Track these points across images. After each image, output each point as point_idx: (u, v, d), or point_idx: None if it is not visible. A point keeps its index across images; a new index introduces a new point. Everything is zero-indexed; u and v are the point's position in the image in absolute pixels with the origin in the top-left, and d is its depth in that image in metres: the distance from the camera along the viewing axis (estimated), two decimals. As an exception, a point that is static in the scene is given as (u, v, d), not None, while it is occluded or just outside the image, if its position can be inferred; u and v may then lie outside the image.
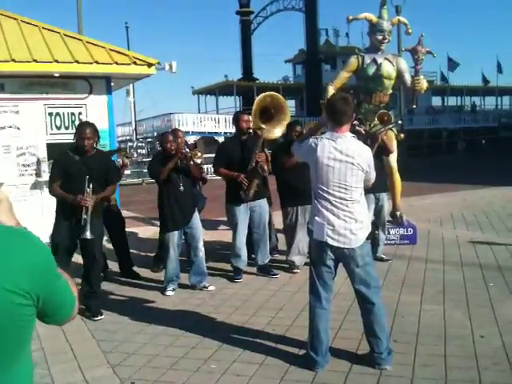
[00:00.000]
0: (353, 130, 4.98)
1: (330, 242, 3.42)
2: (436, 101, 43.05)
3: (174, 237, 5.43)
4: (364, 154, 3.49)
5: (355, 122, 5.68)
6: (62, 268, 1.51)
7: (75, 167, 4.75)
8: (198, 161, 5.38)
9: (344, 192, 3.42)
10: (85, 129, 4.78)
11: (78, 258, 5.09)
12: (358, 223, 3.44)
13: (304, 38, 34.98)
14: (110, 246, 6.43)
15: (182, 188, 5.38)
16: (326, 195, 3.44)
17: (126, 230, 6.53)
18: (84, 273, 4.93)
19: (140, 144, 29.18)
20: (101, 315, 4.79)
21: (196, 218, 5.54)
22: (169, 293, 5.41)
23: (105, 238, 6.38)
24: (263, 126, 5.73)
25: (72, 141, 8.48)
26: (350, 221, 3.42)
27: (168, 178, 5.34)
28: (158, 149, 6.28)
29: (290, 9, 36.29)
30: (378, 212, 6.32)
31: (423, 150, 33.06)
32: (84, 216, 4.58)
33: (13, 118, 7.89)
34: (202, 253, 5.54)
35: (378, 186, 5.17)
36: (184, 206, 5.40)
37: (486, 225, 8.54)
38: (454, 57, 41.20)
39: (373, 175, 3.58)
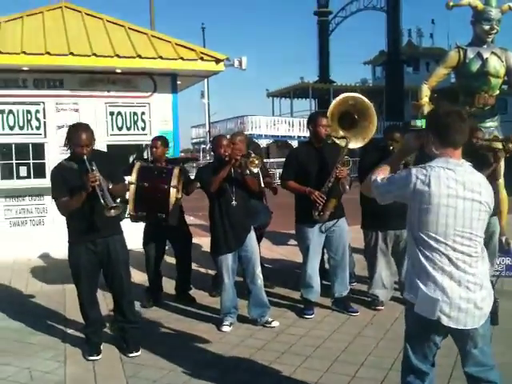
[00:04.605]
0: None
1: (446, 321, 2.32)
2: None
3: (228, 260, 4.56)
4: (489, 188, 2.42)
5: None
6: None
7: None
8: (255, 170, 4.42)
9: (468, 244, 2.32)
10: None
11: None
12: (484, 290, 2.35)
13: (385, 39, 33.33)
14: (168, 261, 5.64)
15: (234, 203, 4.51)
16: (442, 249, 2.32)
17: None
18: (113, 301, 4.16)
19: (213, 146, 29.02)
20: (137, 351, 4.03)
21: (251, 238, 4.64)
22: (225, 328, 4.55)
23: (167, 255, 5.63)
24: (347, 134, 4.74)
25: (132, 143, 8.00)
26: (474, 288, 2.33)
27: (219, 191, 4.48)
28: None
29: (371, 8, 34.70)
30: (487, 239, 5.09)
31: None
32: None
33: (72, 116, 7.36)
34: (260, 280, 4.65)
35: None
36: (237, 224, 4.52)
37: None
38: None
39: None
